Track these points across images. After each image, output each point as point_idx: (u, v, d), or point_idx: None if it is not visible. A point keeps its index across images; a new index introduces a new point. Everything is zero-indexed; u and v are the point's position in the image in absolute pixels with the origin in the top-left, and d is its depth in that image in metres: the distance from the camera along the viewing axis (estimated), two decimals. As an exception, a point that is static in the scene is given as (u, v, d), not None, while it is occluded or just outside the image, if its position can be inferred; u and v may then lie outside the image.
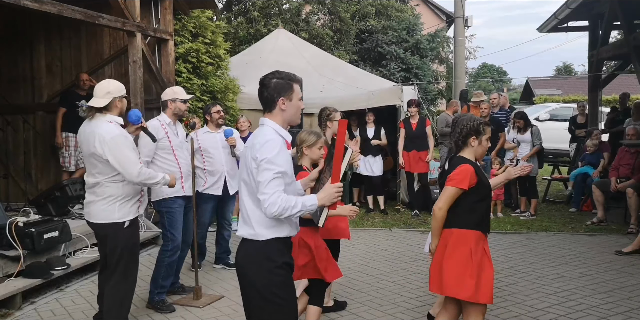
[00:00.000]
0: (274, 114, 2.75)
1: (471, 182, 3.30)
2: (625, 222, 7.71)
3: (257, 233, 2.67)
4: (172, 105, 4.85)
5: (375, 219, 8.44)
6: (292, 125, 2.89)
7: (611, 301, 4.82)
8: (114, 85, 3.91)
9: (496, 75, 44.56)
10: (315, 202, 2.59)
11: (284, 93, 2.73)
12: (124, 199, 3.85)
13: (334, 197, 2.59)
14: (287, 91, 2.73)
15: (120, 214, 3.84)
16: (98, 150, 3.73)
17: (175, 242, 4.83)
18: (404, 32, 15.94)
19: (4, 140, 8.13)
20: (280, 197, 2.54)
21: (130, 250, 3.93)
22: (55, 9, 5.51)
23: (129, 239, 3.91)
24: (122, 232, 3.86)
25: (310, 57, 10.49)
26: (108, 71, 8.09)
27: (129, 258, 3.93)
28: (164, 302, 4.77)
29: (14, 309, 4.72)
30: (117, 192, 3.83)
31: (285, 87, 2.73)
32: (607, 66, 16.56)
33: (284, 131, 2.74)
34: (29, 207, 6.10)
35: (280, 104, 2.72)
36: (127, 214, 3.87)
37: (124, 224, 3.86)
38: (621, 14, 9.21)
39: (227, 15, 15.41)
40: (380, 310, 4.72)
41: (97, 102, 3.85)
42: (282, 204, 2.53)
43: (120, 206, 3.84)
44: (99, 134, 3.75)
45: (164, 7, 7.52)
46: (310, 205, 2.59)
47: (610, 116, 10.79)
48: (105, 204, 3.82)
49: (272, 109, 2.74)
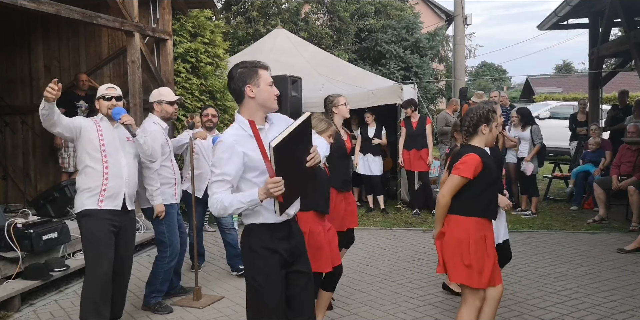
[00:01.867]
0: (244, 104, 2.78)
1: (476, 171, 3.33)
2: (627, 220, 7.68)
3: (243, 220, 2.83)
4: (159, 107, 4.67)
5: (375, 219, 8.42)
6: (268, 112, 2.84)
7: (614, 299, 4.80)
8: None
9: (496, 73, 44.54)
10: (255, 197, 2.61)
11: (249, 80, 2.74)
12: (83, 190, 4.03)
13: (272, 190, 2.54)
14: (252, 77, 2.74)
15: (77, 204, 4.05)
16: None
17: (174, 249, 4.75)
18: (403, 30, 15.91)
19: (3, 141, 8.10)
20: (217, 198, 2.66)
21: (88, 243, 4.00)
22: (53, 9, 5.47)
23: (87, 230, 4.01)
24: (81, 222, 4.01)
25: (309, 56, 10.46)
26: (107, 71, 8.06)
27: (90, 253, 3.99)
28: (160, 304, 4.73)
29: (13, 310, 4.69)
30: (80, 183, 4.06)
31: (250, 74, 2.74)
32: (607, 64, 16.52)
33: (247, 126, 2.69)
34: (28, 208, 6.09)
35: (248, 91, 2.73)
36: (80, 205, 4.01)
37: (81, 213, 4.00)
38: (621, 10, 9.19)
39: (226, 15, 15.38)
40: (382, 310, 4.69)
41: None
42: (217, 205, 2.66)
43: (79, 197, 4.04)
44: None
45: (163, 6, 7.49)
46: (250, 201, 2.62)
47: (611, 114, 10.76)
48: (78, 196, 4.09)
49: (242, 98, 2.76)
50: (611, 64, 17.79)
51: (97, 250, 3.96)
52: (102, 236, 3.96)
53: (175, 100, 4.73)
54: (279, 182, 2.54)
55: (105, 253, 3.98)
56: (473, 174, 3.33)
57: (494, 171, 3.45)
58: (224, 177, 2.68)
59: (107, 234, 3.98)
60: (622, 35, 11.30)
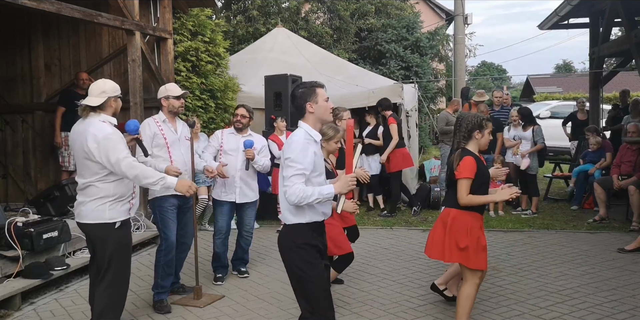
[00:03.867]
0: (305, 117, 3.27)
1: (473, 170, 3.85)
2: (628, 220, 7.67)
3: (285, 218, 3.23)
4: (166, 102, 4.80)
5: (376, 218, 8.41)
6: (325, 122, 3.42)
7: (614, 299, 4.79)
8: (109, 85, 3.86)
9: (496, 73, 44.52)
10: (331, 190, 3.08)
11: (309, 98, 3.23)
12: (115, 200, 3.78)
13: (348, 185, 3.08)
14: (311, 95, 3.24)
15: (111, 214, 3.76)
16: (91, 150, 3.66)
17: (168, 241, 4.76)
18: (403, 30, 15.87)
19: (3, 140, 8.09)
20: (299, 188, 3.04)
21: (121, 252, 3.84)
22: (54, 7, 5.47)
23: (120, 240, 3.83)
24: (113, 233, 3.78)
25: (309, 55, 10.46)
26: (107, 70, 8.05)
27: (120, 260, 3.83)
28: (161, 302, 4.73)
29: (13, 309, 4.69)
30: (108, 192, 3.75)
31: (309, 93, 3.25)
32: (608, 63, 16.52)
33: (314, 131, 3.24)
34: (28, 207, 6.07)
35: (309, 107, 3.23)
36: (118, 215, 3.79)
37: (114, 224, 3.78)
38: (622, 10, 9.19)
39: (226, 13, 15.36)
40: (382, 309, 4.69)
41: (92, 100, 3.80)
42: (300, 193, 3.04)
43: (110, 207, 3.76)
44: (92, 133, 3.69)
45: (163, 5, 7.48)
46: (327, 194, 3.07)
47: (612, 114, 10.76)
48: (96, 204, 3.74)
49: (304, 113, 3.26)
50: (611, 64, 17.78)
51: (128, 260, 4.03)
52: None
53: (181, 95, 4.86)
54: (354, 179, 3.06)
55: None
56: (474, 173, 3.86)
57: (485, 173, 3.97)
58: (304, 171, 3.09)
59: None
60: (623, 34, 11.30)
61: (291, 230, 3.22)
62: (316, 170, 3.19)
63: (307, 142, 3.17)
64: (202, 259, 5.77)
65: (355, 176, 3.09)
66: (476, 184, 3.88)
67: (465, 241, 3.84)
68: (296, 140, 3.17)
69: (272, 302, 4.93)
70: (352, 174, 3.09)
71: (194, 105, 7.85)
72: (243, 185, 5.45)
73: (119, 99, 3.92)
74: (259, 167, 5.40)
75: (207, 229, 7.57)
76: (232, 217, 5.59)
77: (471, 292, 3.94)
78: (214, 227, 5.61)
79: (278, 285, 5.36)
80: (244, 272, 5.67)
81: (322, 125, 3.43)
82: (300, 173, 3.07)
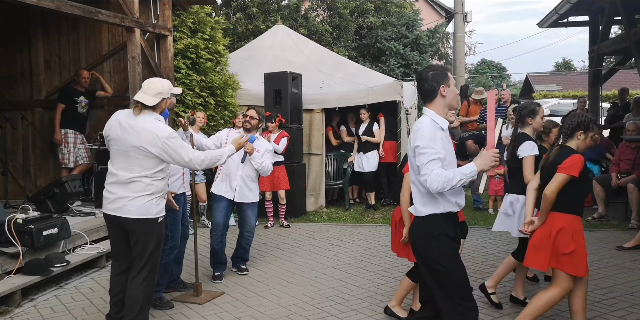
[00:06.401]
0: (434, 102, 3.08)
1: (581, 170, 3.62)
2: (626, 218, 7.69)
3: (417, 210, 3.10)
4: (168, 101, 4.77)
5: (375, 215, 8.42)
6: (452, 109, 3.31)
7: (613, 297, 4.81)
8: (166, 87, 3.97)
9: (495, 71, 44.51)
10: (474, 168, 2.93)
11: (442, 81, 3.05)
12: (160, 196, 3.91)
13: (491, 161, 2.94)
14: (445, 78, 3.06)
15: (157, 209, 3.89)
16: (150, 147, 3.74)
17: (174, 241, 4.78)
18: (403, 27, 15.87)
19: (3, 137, 8.09)
20: (438, 173, 2.88)
21: (159, 245, 3.99)
22: (54, 4, 5.47)
23: (161, 234, 3.98)
24: (157, 227, 3.91)
25: (309, 53, 10.45)
26: (107, 67, 8.05)
27: (158, 253, 3.99)
28: (161, 300, 4.73)
29: (13, 306, 4.70)
30: (157, 189, 3.87)
31: (442, 75, 3.06)
32: (607, 61, 16.52)
33: (440, 119, 3.06)
34: (28, 204, 6.07)
35: (442, 91, 3.05)
36: (162, 210, 3.95)
37: (158, 219, 3.90)
38: (622, 8, 9.20)
39: (226, 11, 15.34)
40: (381, 306, 4.69)
41: (147, 99, 3.86)
42: (441, 178, 2.87)
43: (157, 202, 3.89)
44: (152, 131, 3.78)
45: (163, 2, 7.47)
46: (470, 172, 2.91)
47: (611, 112, 10.76)
48: (145, 200, 3.82)
49: (434, 97, 3.07)
50: (611, 62, 17.79)
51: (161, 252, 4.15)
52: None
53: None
54: (497, 155, 2.94)
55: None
56: (579, 172, 3.61)
57: (587, 176, 3.89)
58: (439, 155, 2.92)
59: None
60: (622, 33, 11.32)
61: (426, 222, 3.06)
62: (446, 158, 3.00)
63: (435, 129, 3.01)
64: (201, 255, 5.79)
65: (498, 151, 2.95)
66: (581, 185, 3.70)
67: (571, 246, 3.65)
68: (423, 127, 3.01)
69: (271, 298, 4.94)
70: (495, 149, 2.96)
71: (194, 102, 7.85)
72: (242, 185, 5.46)
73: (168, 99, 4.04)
74: (256, 164, 5.40)
75: (206, 225, 7.58)
76: (229, 214, 5.60)
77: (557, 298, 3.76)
78: (212, 223, 5.63)
79: (277, 282, 5.38)
80: (243, 269, 5.68)
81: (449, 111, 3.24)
82: (436, 158, 2.91)
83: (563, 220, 3.67)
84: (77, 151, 7.49)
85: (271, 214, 7.97)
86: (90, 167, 7.50)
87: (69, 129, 7.44)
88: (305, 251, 6.54)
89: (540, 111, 4.43)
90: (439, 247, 3.02)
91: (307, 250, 6.58)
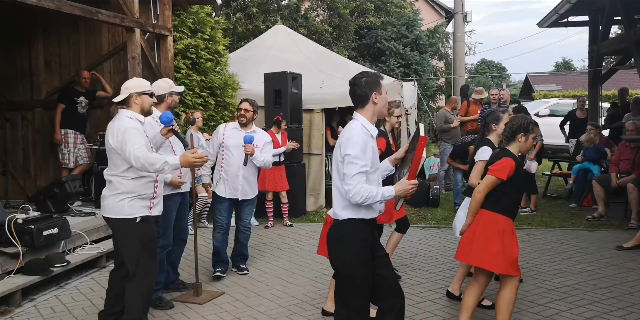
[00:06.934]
0: (365, 109, 3.12)
1: (509, 174, 3.69)
2: (626, 218, 7.69)
3: (336, 213, 3.12)
4: (170, 99, 4.71)
5: (375, 215, 8.41)
6: (381, 117, 3.36)
7: (612, 296, 4.81)
8: (133, 82, 3.99)
9: (495, 71, 44.50)
10: (392, 193, 3.01)
11: (375, 88, 3.09)
12: (134, 197, 3.83)
13: (408, 190, 3.02)
14: (377, 86, 3.10)
15: (130, 210, 3.83)
16: (112, 144, 3.77)
17: (166, 240, 4.72)
18: (403, 27, 15.89)
19: (3, 137, 8.09)
20: (363, 187, 2.94)
21: (145, 246, 3.90)
22: (54, 4, 5.47)
23: (143, 234, 3.89)
24: (136, 227, 3.85)
25: (309, 53, 10.45)
26: (107, 67, 8.04)
27: (148, 253, 3.92)
28: (161, 300, 4.72)
29: (14, 306, 4.70)
30: (127, 189, 3.81)
31: (375, 83, 3.10)
32: (607, 61, 16.52)
33: (370, 126, 3.11)
34: (28, 204, 6.07)
35: (374, 98, 3.09)
36: (137, 211, 3.85)
37: (135, 219, 3.85)
38: (622, 8, 9.19)
39: (226, 11, 15.36)
40: (381, 306, 4.70)
41: (117, 97, 3.96)
42: (365, 193, 2.94)
43: (130, 203, 3.83)
44: (115, 127, 3.80)
45: (163, 3, 7.47)
46: (388, 196, 3.00)
47: (611, 112, 10.75)
48: (116, 200, 3.82)
49: (366, 104, 3.11)
50: (611, 62, 17.79)
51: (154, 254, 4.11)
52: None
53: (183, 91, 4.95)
54: (415, 186, 3.03)
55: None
56: (507, 175, 3.69)
57: (522, 179, 3.87)
58: (366, 168, 3.00)
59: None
60: (622, 33, 11.33)
61: (343, 225, 3.09)
62: (373, 166, 3.09)
63: (367, 137, 3.05)
64: (201, 255, 5.79)
65: (417, 183, 3.03)
66: (512, 187, 3.75)
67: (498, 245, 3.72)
68: (356, 135, 3.03)
69: (271, 298, 4.94)
70: (414, 180, 3.02)
71: (194, 102, 7.85)
72: (245, 183, 5.43)
73: (144, 95, 3.96)
74: (259, 163, 5.37)
75: (206, 226, 7.58)
76: (231, 214, 5.59)
77: (513, 297, 3.81)
78: (214, 223, 5.62)
79: (277, 282, 5.38)
80: (243, 269, 5.68)
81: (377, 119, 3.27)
82: (364, 171, 2.97)
83: (491, 219, 3.74)
84: (77, 151, 7.50)
85: (271, 214, 7.96)
86: (91, 167, 7.50)
87: (69, 129, 7.45)
88: (305, 251, 6.54)
89: (505, 118, 4.55)
90: (351, 252, 3.06)
91: (307, 250, 6.58)
